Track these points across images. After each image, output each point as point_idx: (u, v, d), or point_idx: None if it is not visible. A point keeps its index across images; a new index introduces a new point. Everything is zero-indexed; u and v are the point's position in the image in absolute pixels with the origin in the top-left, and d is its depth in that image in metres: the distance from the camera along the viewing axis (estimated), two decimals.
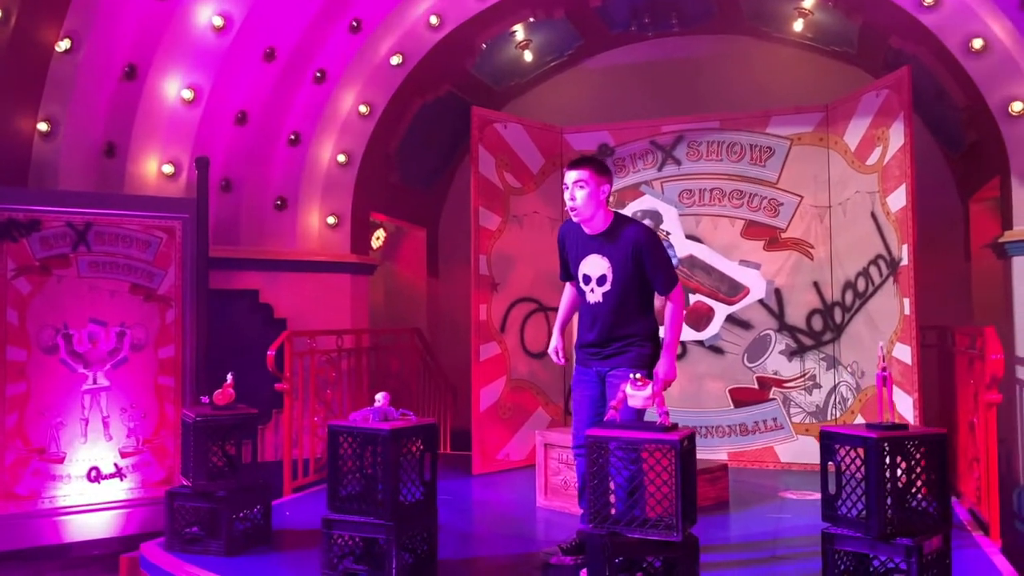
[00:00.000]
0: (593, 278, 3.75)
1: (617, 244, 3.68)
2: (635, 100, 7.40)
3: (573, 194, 3.70)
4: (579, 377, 3.89)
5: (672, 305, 3.72)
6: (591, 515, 3.08)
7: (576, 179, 3.68)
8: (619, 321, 3.70)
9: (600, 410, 3.78)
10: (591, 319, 3.77)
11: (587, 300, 3.79)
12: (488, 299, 6.02)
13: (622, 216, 3.82)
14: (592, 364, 3.79)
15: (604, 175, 3.72)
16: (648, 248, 3.66)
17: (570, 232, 3.90)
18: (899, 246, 5.24)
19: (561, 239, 3.96)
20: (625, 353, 3.69)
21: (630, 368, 3.64)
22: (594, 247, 3.74)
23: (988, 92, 5.45)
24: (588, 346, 3.80)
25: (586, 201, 3.66)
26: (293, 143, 6.63)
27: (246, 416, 4.04)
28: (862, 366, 5.66)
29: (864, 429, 3.13)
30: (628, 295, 3.69)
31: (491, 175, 6.08)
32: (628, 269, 3.66)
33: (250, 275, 6.49)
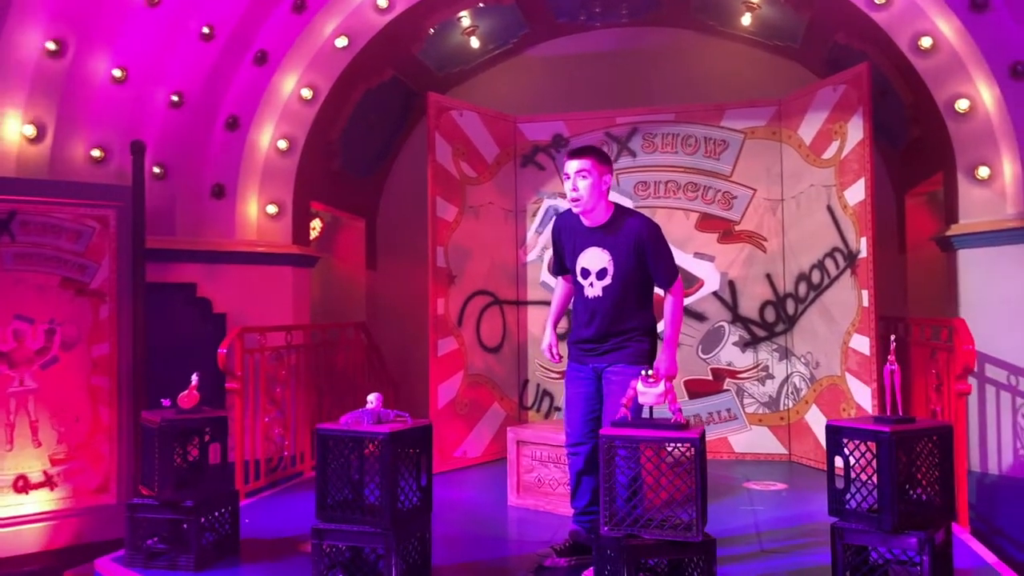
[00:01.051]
0: (592, 272, 3.62)
1: (619, 236, 3.57)
2: (579, 91, 7.32)
3: (576, 184, 3.56)
4: (573, 374, 3.77)
5: (673, 299, 3.65)
6: (606, 517, 2.97)
7: (579, 168, 3.55)
8: (619, 316, 3.60)
9: (595, 407, 3.68)
10: (589, 314, 3.65)
11: (585, 295, 3.66)
12: (445, 292, 5.84)
13: (623, 208, 3.70)
14: (588, 360, 3.68)
15: (606, 164, 3.61)
16: (651, 241, 3.57)
17: (567, 225, 3.76)
18: (857, 239, 5.34)
19: (557, 232, 3.82)
20: (623, 349, 3.60)
21: (628, 364, 3.56)
22: (594, 240, 3.62)
23: (936, 90, 5.60)
24: (584, 342, 3.69)
25: (589, 191, 3.54)
26: (231, 127, 6.27)
27: (215, 419, 3.76)
28: (816, 357, 5.76)
29: (873, 423, 3.13)
30: (629, 289, 3.59)
31: (448, 164, 5.90)
32: (630, 262, 3.56)
33: (187, 267, 6.12)
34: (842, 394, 5.46)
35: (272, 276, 6.43)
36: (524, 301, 6.42)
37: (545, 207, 6.41)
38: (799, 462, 5.90)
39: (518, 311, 6.41)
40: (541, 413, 6.37)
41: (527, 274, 6.42)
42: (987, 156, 5.47)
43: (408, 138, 8.10)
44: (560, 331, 4.14)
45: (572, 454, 3.75)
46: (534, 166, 6.44)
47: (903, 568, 3.13)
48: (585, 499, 3.73)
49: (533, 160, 6.44)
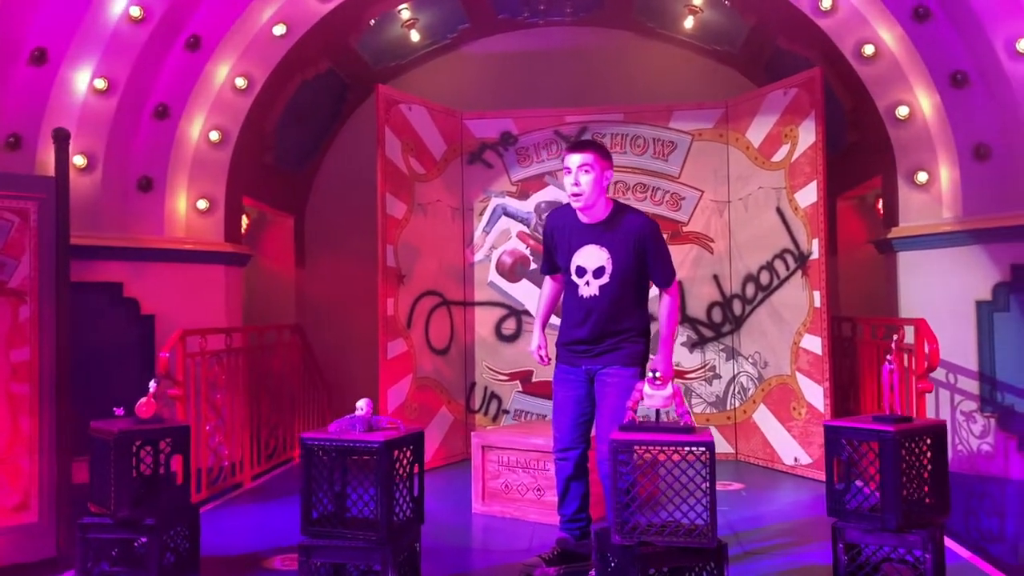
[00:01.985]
0: (589, 270, 3.51)
1: (617, 234, 3.48)
2: (518, 88, 7.23)
3: (578, 179, 3.45)
4: (563, 376, 3.65)
5: (670, 300, 3.59)
6: (618, 525, 2.87)
7: (581, 163, 3.44)
8: (615, 316, 3.50)
9: (586, 411, 3.58)
10: (583, 314, 3.54)
11: (579, 294, 3.54)
12: (395, 292, 5.64)
13: (622, 204, 3.62)
14: (581, 362, 3.58)
15: (608, 160, 3.52)
16: (653, 239, 3.50)
17: (562, 221, 3.63)
18: (809, 240, 5.43)
19: (550, 230, 3.69)
20: (619, 350, 3.51)
21: (624, 366, 3.48)
22: (592, 237, 3.51)
23: (877, 96, 5.77)
24: (578, 343, 3.58)
25: (591, 186, 3.44)
26: (160, 116, 5.89)
27: (176, 429, 3.46)
28: (765, 356, 5.83)
29: (873, 423, 3.13)
30: (627, 288, 3.50)
31: (397, 160, 5.69)
32: (629, 261, 3.47)
33: (113, 265, 5.70)
34: (792, 393, 5.54)
35: (203, 275, 6.07)
36: (472, 302, 6.27)
37: (493, 206, 6.28)
38: (746, 460, 5.96)
39: (465, 312, 6.26)
40: (489, 417, 6.24)
41: (474, 274, 6.27)
42: (926, 161, 5.66)
43: (339, 133, 7.83)
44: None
45: (560, 459, 3.64)
46: (481, 164, 6.30)
47: (898, 566, 3.16)
48: (574, 505, 3.63)
49: (480, 158, 6.30)
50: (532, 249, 6.22)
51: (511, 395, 6.22)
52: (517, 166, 6.26)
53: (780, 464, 5.64)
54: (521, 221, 6.25)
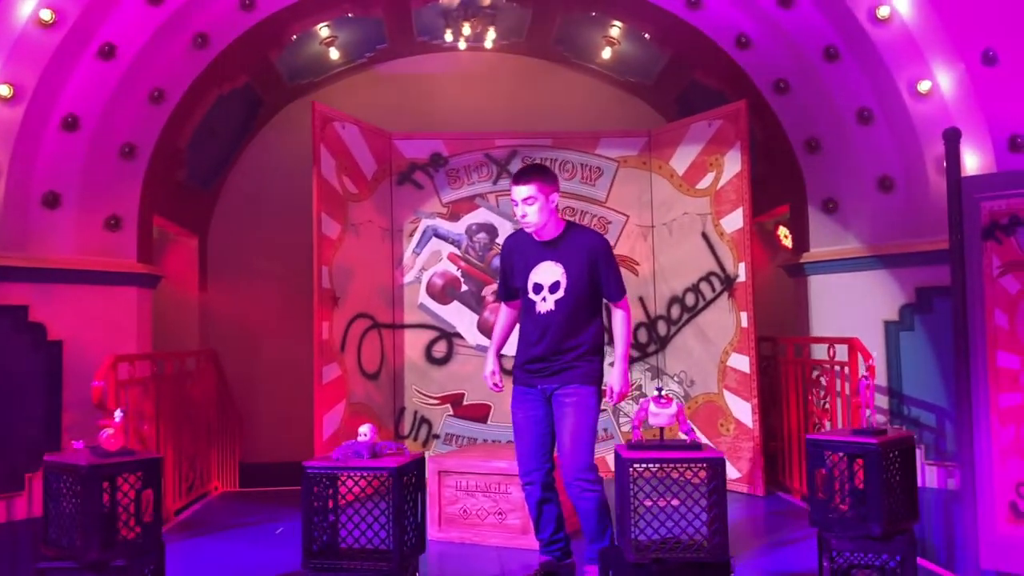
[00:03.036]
0: (545, 286, 3.60)
1: (571, 250, 3.59)
2: (434, 109, 7.23)
3: (524, 211, 3.57)
4: (521, 396, 3.68)
5: (623, 314, 3.72)
6: (632, 544, 2.90)
7: (525, 197, 3.55)
8: (570, 330, 3.57)
9: (546, 430, 3.60)
10: (540, 331, 3.59)
11: (537, 311, 3.61)
12: (330, 315, 5.48)
13: (573, 223, 3.78)
14: (537, 382, 3.61)
15: (551, 184, 3.61)
16: (603, 254, 3.64)
17: (518, 244, 3.76)
18: (735, 264, 5.69)
19: (508, 253, 3.78)
20: (574, 369, 3.56)
21: (581, 384, 3.53)
22: (547, 254, 3.61)
23: (790, 128, 6.14)
24: (533, 361, 3.62)
25: (538, 214, 3.55)
26: (70, 127, 5.48)
27: (148, 463, 3.22)
28: (691, 375, 6.05)
29: (853, 435, 3.32)
30: (580, 302, 3.59)
31: (332, 179, 5.57)
32: (582, 275, 3.57)
33: (16, 288, 5.25)
34: (719, 410, 5.77)
35: (115, 298, 5.69)
36: (401, 324, 6.17)
37: (423, 227, 6.23)
38: None
39: (394, 335, 6.16)
40: (419, 442, 6.14)
41: (404, 296, 6.19)
42: (834, 190, 6.05)
43: (245, 150, 7.56)
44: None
45: (527, 483, 3.63)
46: (411, 184, 6.25)
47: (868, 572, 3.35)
48: (550, 528, 3.64)
49: (410, 178, 6.25)
50: (463, 271, 6.20)
51: (442, 419, 6.15)
52: (448, 187, 6.24)
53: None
54: (452, 243, 6.23)
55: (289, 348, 7.45)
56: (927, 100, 5.52)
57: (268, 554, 4.30)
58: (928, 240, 5.52)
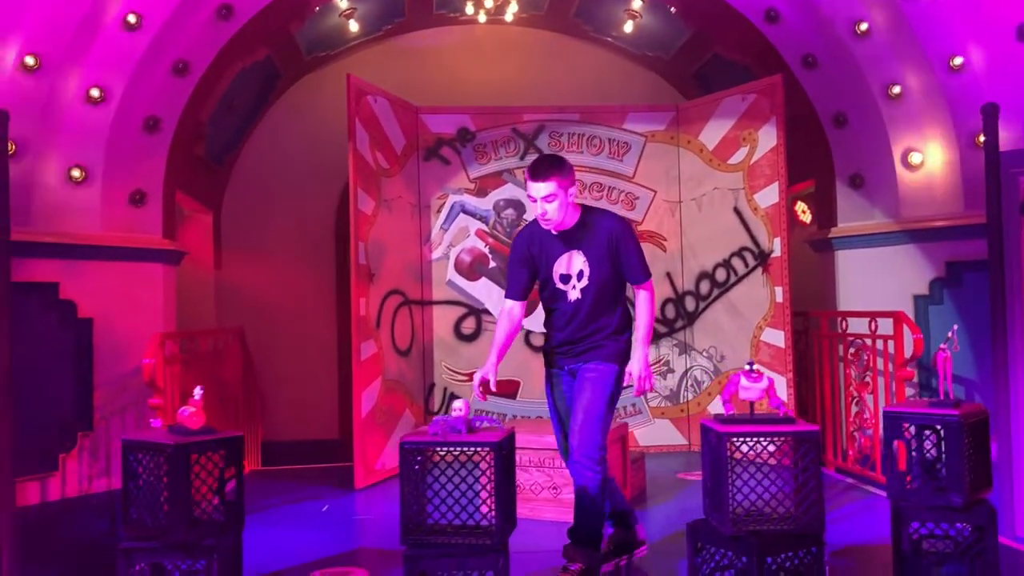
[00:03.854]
0: (572, 275, 3.49)
1: (591, 237, 3.46)
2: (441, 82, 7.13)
3: (544, 209, 3.40)
4: (550, 380, 3.63)
5: (648, 295, 3.56)
6: (729, 518, 2.91)
7: (545, 194, 3.36)
8: (597, 314, 3.49)
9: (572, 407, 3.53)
10: (567, 317, 3.51)
11: (567, 299, 3.51)
12: (366, 292, 5.41)
13: (589, 208, 3.58)
14: (564, 363, 3.55)
15: (569, 177, 3.42)
16: (624, 237, 3.50)
17: (535, 237, 3.54)
18: (770, 239, 5.71)
19: (525, 249, 3.56)
20: (600, 348, 3.49)
21: (603, 362, 3.46)
22: (566, 245, 3.47)
23: (818, 103, 6.15)
24: (560, 345, 3.55)
25: (558, 211, 3.40)
26: (95, 101, 5.34)
27: (231, 441, 3.17)
28: (721, 351, 6.08)
29: (930, 407, 3.36)
30: (606, 288, 3.50)
31: (366, 153, 5.47)
32: (604, 262, 3.47)
33: (46, 264, 5.14)
34: None
35: (142, 275, 5.60)
36: (430, 301, 6.12)
37: (451, 203, 6.17)
38: (699, 451, 6.17)
39: (423, 311, 6.11)
40: None
41: (432, 273, 6.13)
42: (861, 166, 6.08)
43: (258, 124, 7.43)
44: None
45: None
46: (438, 160, 6.18)
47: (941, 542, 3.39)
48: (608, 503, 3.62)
49: (437, 154, 6.18)
50: (491, 247, 6.16)
51: (471, 396, 6.11)
52: (475, 163, 6.18)
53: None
54: (480, 219, 6.17)
55: (307, 324, 7.40)
56: (959, 75, 5.54)
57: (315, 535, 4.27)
58: (960, 215, 5.57)
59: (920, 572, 3.31)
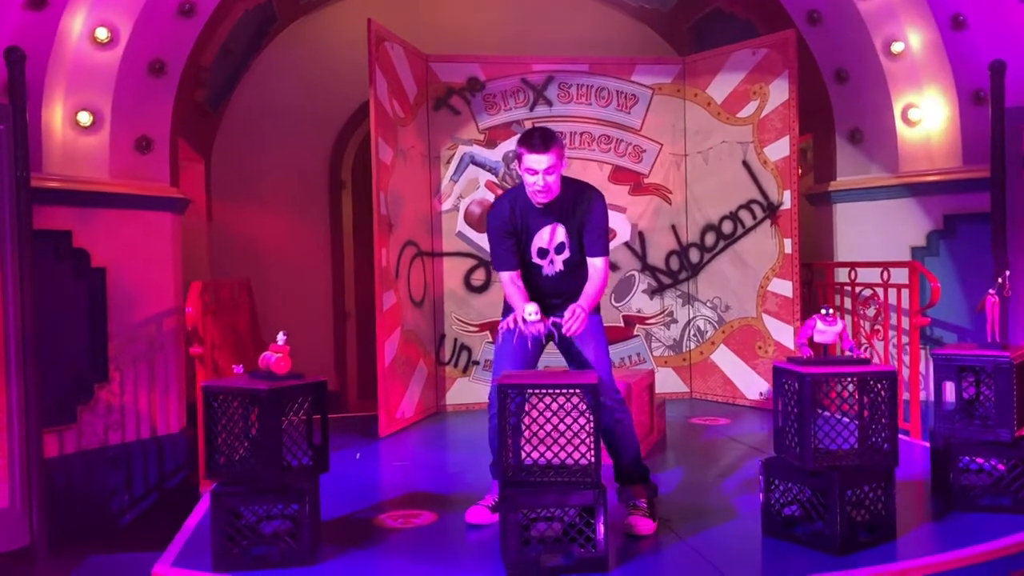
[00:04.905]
0: (551, 249, 3.49)
1: (567, 207, 3.44)
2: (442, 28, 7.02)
3: (547, 183, 3.31)
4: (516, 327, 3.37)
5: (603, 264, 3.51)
6: (811, 454, 3.05)
7: (548, 167, 3.28)
8: (577, 285, 3.50)
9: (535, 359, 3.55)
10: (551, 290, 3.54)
11: (544, 273, 3.52)
12: (387, 242, 5.37)
13: (569, 179, 3.50)
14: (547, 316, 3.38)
15: (563, 148, 3.40)
16: (602, 213, 3.50)
17: (514, 209, 3.46)
18: (779, 192, 5.85)
19: (504, 224, 3.45)
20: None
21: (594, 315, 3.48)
22: (547, 218, 3.43)
23: (821, 58, 6.28)
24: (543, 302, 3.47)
25: (556, 184, 3.37)
26: (102, 43, 5.13)
27: (317, 385, 3.16)
28: (726, 301, 6.23)
29: (980, 349, 3.54)
30: (583, 258, 3.52)
31: (385, 102, 5.39)
32: (580, 233, 3.47)
33: (58, 211, 4.94)
34: (757, 333, 5.99)
35: (152, 223, 5.44)
36: (440, 252, 6.11)
37: (460, 154, 6.13)
38: (701, 398, 6.37)
39: (434, 263, 6.09)
40: (459, 369, 6.15)
41: (442, 224, 6.11)
42: (860, 121, 6.26)
43: (249, 70, 7.23)
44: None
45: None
46: (448, 110, 6.12)
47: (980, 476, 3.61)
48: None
49: (447, 103, 6.12)
50: None
51: (481, 346, 6.17)
52: (484, 113, 6.15)
53: (742, 399, 6.09)
54: (489, 170, 6.16)
55: (301, 275, 7.30)
56: (960, 33, 5.72)
57: (361, 482, 4.30)
58: (958, 170, 5.80)
59: (968, 503, 3.51)
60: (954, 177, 5.83)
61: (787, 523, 3.23)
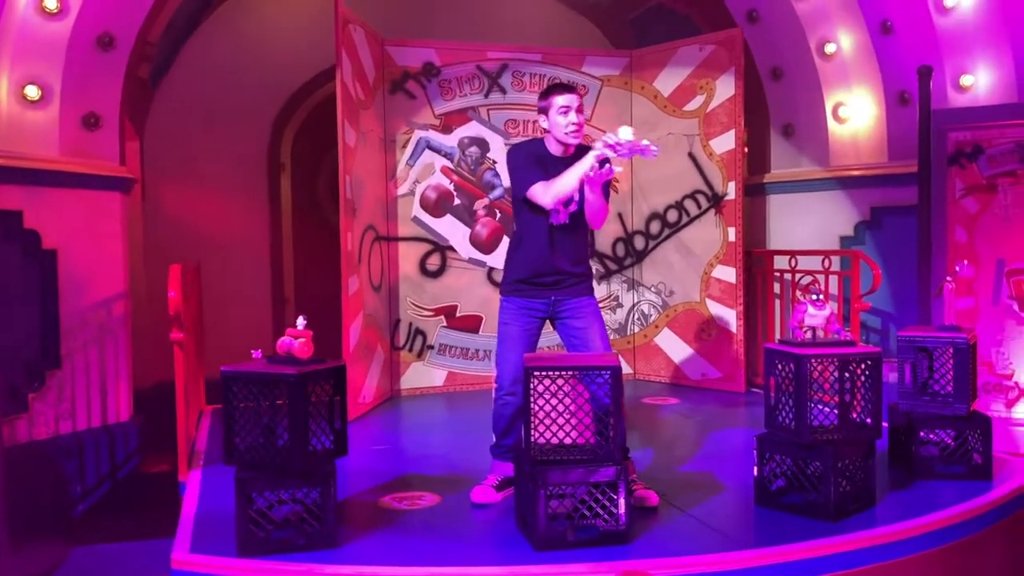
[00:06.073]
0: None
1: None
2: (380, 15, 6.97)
3: (580, 120, 3.59)
4: (519, 312, 3.68)
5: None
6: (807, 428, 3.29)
7: (578, 104, 3.58)
8: (579, 243, 3.73)
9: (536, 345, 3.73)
10: (552, 243, 3.63)
11: (550, 222, 3.63)
12: (351, 226, 5.35)
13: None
14: (549, 294, 3.67)
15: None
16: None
17: (536, 153, 3.66)
18: (724, 183, 6.14)
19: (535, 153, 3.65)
20: (584, 282, 3.73)
21: (591, 295, 3.74)
22: (562, 168, 3.54)
23: (758, 56, 6.61)
24: (546, 275, 3.66)
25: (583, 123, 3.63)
26: (51, 13, 4.90)
27: (338, 370, 3.17)
28: (670, 286, 6.50)
29: (939, 331, 3.88)
30: (583, 219, 3.70)
31: (349, 84, 5.35)
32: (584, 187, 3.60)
33: (8, 190, 4.71)
34: (701, 317, 6.29)
35: (101, 203, 5.26)
36: (396, 237, 6.12)
37: (416, 138, 6.14)
38: (643, 379, 6.63)
39: (389, 247, 6.10)
40: (413, 353, 6.19)
41: (398, 208, 6.12)
42: (792, 116, 6.63)
43: (186, 45, 7.00)
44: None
45: (511, 394, 3.60)
46: (404, 94, 6.11)
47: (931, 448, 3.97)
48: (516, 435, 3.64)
49: (403, 87, 6.11)
50: (456, 184, 6.22)
51: (436, 330, 6.23)
52: (440, 99, 6.18)
53: (684, 380, 6.38)
54: (445, 155, 6.20)
55: (238, 257, 7.16)
56: (888, 38, 6.14)
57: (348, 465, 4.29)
58: (884, 165, 6.23)
59: (927, 471, 3.85)
60: (880, 172, 6.25)
61: (777, 493, 3.47)
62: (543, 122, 3.67)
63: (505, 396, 3.66)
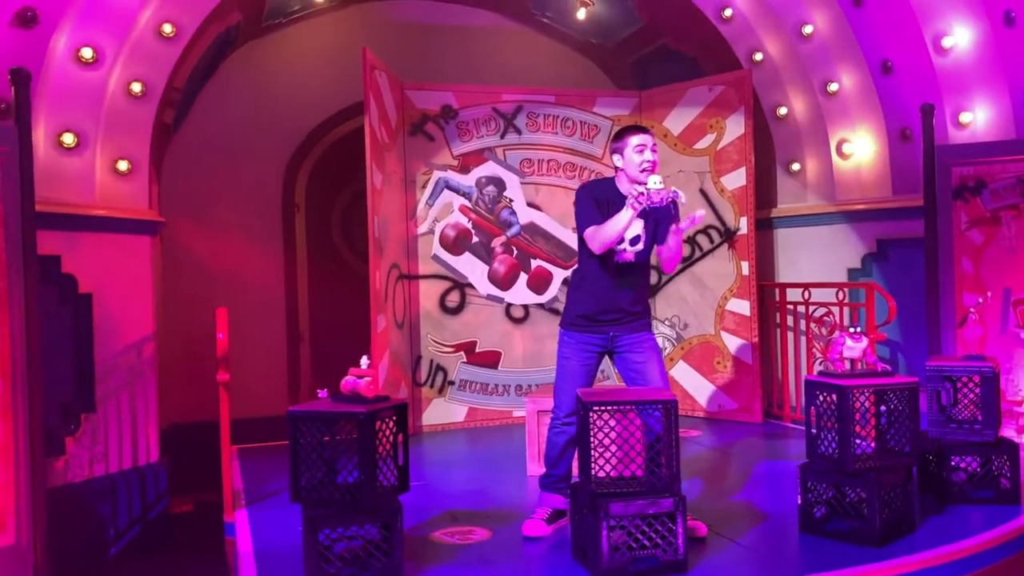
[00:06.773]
0: (627, 239, 3.73)
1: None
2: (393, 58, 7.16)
3: (654, 159, 3.72)
4: (581, 346, 3.78)
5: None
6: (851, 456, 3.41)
7: (652, 144, 3.74)
8: (644, 281, 3.88)
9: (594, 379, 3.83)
10: (618, 281, 3.74)
11: (616, 260, 3.73)
12: (379, 265, 5.47)
13: None
14: (608, 330, 3.76)
15: None
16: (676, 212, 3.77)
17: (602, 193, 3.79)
18: (736, 218, 6.32)
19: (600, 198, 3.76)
20: (644, 318, 3.85)
21: (650, 331, 3.85)
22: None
23: (762, 95, 6.83)
24: (609, 312, 3.76)
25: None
26: (87, 63, 5.01)
27: (402, 407, 3.26)
28: (684, 319, 6.65)
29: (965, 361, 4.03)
30: (648, 261, 3.86)
31: (376, 128, 5.50)
32: (656, 227, 3.78)
33: (47, 236, 4.75)
34: (716, 350, 6.43)
35: (133, 247, 5.35)
36: (417, 275, 6.23)
37: (435, 179, 6.28)
38: None
39: (410, 285, 6.21)
40: (435, 389, 6.27)
41: (418, 247, 6.24)
42: (797, 154, 6.84)
43: (202, 92, 7.11)
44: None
45: (567, 424, 3.72)
46: (423, 136, 6.26)
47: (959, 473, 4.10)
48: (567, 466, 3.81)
49: (422, 129, 6.26)
50: (474, 223, 6.35)
51: (456, 366, 6.32)
52: (458, 140, 6.33)
53: (700, 411, 6.50)
54: (463, 195, 6.34)
55: (253, 296, 7.20)
56: (889, 77, 6.37)
57: None
58: (889, 199, 6.44)
59: (960, 496, 3.98)
60: (885, 206, 6.45)
61: (821, 521, 3.58)
62: (617, 161, 3.78)
63: (560, 426, 3.78)
